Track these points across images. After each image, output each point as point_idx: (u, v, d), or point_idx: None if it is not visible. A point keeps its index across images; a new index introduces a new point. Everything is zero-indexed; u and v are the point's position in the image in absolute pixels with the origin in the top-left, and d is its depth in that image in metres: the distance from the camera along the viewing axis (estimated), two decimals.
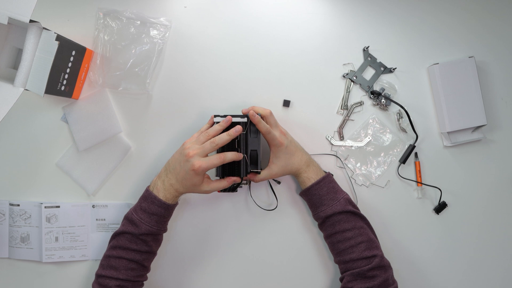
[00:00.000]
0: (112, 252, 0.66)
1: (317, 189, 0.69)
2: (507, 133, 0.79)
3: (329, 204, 0.68)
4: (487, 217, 0.78)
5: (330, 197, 0.68)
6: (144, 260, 0.67)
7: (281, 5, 0.78)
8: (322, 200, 0.68)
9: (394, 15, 0.79)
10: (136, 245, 0.65)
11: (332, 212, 0.67)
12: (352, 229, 0.66)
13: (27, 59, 0.59)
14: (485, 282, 0.78)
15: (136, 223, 0.65)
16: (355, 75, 0.78)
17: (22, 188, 0.77)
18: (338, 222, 0.67)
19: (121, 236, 0.66)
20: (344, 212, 0.67)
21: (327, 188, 0.69)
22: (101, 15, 0.75)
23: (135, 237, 0.65)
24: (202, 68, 0.78)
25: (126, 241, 0.65)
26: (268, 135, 0.68)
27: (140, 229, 0.65)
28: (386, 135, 0.78)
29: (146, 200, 0.67)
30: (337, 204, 0.67)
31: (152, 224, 0.65)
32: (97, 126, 0.76)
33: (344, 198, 0.69)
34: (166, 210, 0.66)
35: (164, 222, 0.68)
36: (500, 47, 0.79)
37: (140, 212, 0.66)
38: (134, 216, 0.66)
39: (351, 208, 0.68)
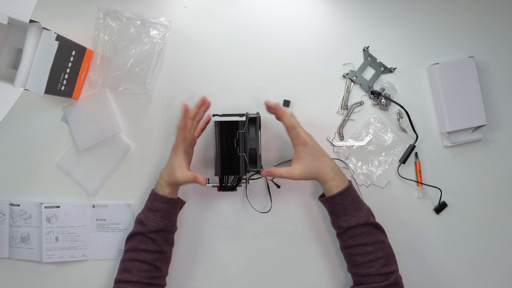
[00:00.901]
0: (125, 256, 0.68)
1: (342, 198, 0.66)
2: (507, 133, 0.79)
3: (352, 214, 0.66)
4: (487, 217, 0.78)
5: (354, 207, 0.66)
6: (155, 261, 0.66)
7: (281, 5, 0.78)
8: (346, 210, 0.66)
9: (394, 15, 0.79)
10: (146, 245, 0.66)
11: (355, 224, 0.65)
12: (373, 244, 0.65)
13: (27, 59, 0.59)
14: (485, 282, 0.78)
15: (143, 222, 0.67)
16: (355, 75, 0.78)
17: (22, 188, 0.77)
18: (359, 235, 0.65)
19: (132, 238, 0.68)
20: (367, 225, 0.65)
21: (352, 198, 0.67)
22: (101, 15, 0.75)
23: (144, 237, 0.66)
24: (202, 68, 0.78)
25: (136, 242, 0.67)
26: (293, 130, 0.67)
27: (147, 227, 0.66)
28: (388, 134, 0.78)
29: (150, 199, 0.70)
30: (361, 215, 0.66)
31: (158, 220, 0.67)
32: (97, 126, 0.76)
33: (367, 209, 0.67)
34: (168, 204, 0.68)
35: (170, 218, 0.69)
36: (500, 47, 0.79)
37: (146, 211, 0.68)
38: (141, 216, 0.68)
39: (373, 221, 0.67)
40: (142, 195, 0.77)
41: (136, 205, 0.77)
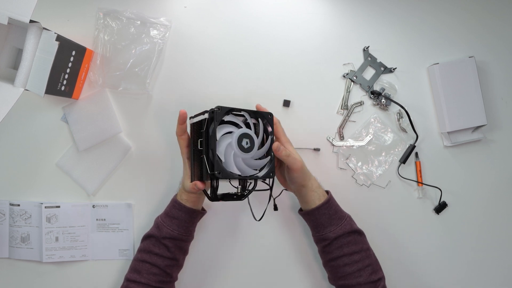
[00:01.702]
0: (138, 255, 0.67)
1: (327, 208, 0.65)
2: (507, 133, 0.79)
3: (337, 224, 0.65)
4: (487, 217, 0.78)
5: (338, 216, 0.65)
6: (166, 267, 0.65)
7: (281, 5, 0.78)
8: (331, 220, 0.65)
9: (394, 15, 0.79)
10: (159, 249, 0.65)
11: (342, 233, 0.64)
12: (360, 252, 0.64)
13: (27, 59, 0.59)
14: (485, 282, 0.78)
15: (159, 226, 0.66)
16: (355, 75, 0.78)
17: (22, 188, 0.77)
18: (346, 245, 0.64)
19: (147, 239, 0.67)
20: (352, 233, 0.65)
21: (335, 207, 0.66)
22: (101, 15, 0.75)
23: (158, 241, 0.66)
24: (202, 68, 0.78)
25: (150, 244, 0.66)
26: (287, 159, 0.62)
27: (162, 232, 0.65)
28: (388, 134, 0.78)
29: (170, 204, 0.68)
30: (345, 223, 0.65)
31: (173, 228, 0.65)
32: (97, 126, 0.76)
33: (349, 216, 0.67)
34: (186, 214, 0.66)
35: (186, 227, 0.67)
36: (500, 47, 0.79)
37: (164, 216, 0.67)
38: (158, 220, 0.68)
39: (356, 228, 0.66)
40: (142, 195, 0.77)
41: (136, 205, 0.77)
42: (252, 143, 0.61)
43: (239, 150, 0.59)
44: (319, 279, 0.77)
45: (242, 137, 0.60)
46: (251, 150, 0.60)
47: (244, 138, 0.60)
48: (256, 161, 0.62)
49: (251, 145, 0.60)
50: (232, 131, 0.60)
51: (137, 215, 0.77)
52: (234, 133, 0.59)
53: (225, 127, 0.60)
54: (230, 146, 0.59)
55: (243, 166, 0.60)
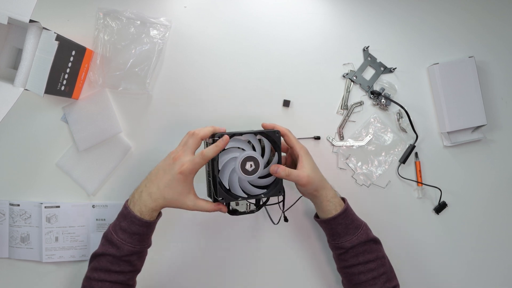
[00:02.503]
0: (93, 275, 0.61)
1: (344, 218, 0.65)
2: (507, 133, 0.79)
3: (354, 233, 0.64)
4: (487, 217, 0.78)
5: (355, 225, 0.65)
6: (129, 280, 0.63)
7: (281, 5, 0.78)
8: (348, 230, 0.64)
9: (394, 15, 0.79)
10: (119, 267, 0.60)
11: (358, 242, 0.64)
12: (375, 260, 0.64)
13: (27, 59, 0.59)
14: (485, 282, 0.78)
15: (117, 244, 0.60)
16: (355, 75, 0.78)
17: (22, 188, 0.77)
18: (362, 254, 0.64)
19: (102, 257, 0.61)
20: (368, 242, 0.64)
21: (352, 216, 0.66)
22: (101, 15, 0.75)
23: (118, 259, 0.60)
24: (202, 68, 0.78)
25: (107, 263, 0.60)
26: (289, 178, 0.62)
27: (122, 251, 0.60)
28: (388, 134, 0.78)
29: (125, 218, 0.61)
30: (361, 233, 0.64)
31: (135, 244, 0.60)
32: (97, 126, 0.76)
33: (365, 225, 0.66)
34: (148, 228, 0.61)
35: (147, 239, 0.63)
36: (500, 47, 0.79)
37: (120, 232, 0.60)
38: (114, 237, 0.60)
39: (372, 236, 0.66)
40: None
41: None
42: (257, 164, 0.62)
43: (243, 174, 0.61)
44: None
45: (245, 161, 0.61)
46: (256, 171, 0.62)
47: (247, 162, 0.61)
48: (263, 180, 0.64)
49: (255, 167, 0.62)
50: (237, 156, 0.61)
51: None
52: (238, 157, 0.61)
53: (230, 151, 0.62)
54: (235, 171, 0.61)
55: (250, 187, 0.63)
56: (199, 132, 0.60)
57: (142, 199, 0.60)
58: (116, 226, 0.61)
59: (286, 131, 0.66)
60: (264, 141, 0.64)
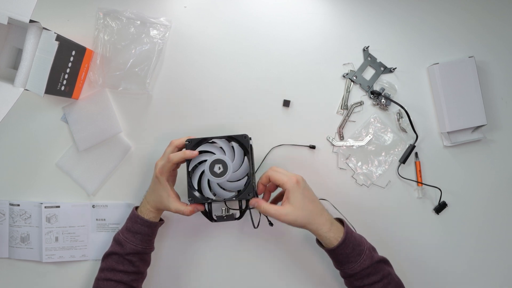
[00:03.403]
0: (100, 275, 0.67)
1: (344, 248, 0.62)
2: (507, 133, 0.79)
3: (356, 260, 0.62)
4: (487, 217, 0.78)
5: (356, 252, 0.62)
6: (132, 281, 0.66)
7: (281, 5, 0.78)
8: (349, 258, 0.62)
9: (394, 15, 0.79)
10: (123, 266, 0.65)
11: (361, 269, 0.61)
12: (381, 280, 0.62)
13: (27, 59, 0.59)
14: (485, 282, 0.78)
15: (122, 243, 0.66)
16: (355, 75, 0.78)
17: (22, 188, 0.77)
18: (367, 276, 0.62)
19: (109, 257, 0.67)
20: (372, 265, 0.62)
21: (353, 245, 0.62)
22: (101, 15, 0.75)
23: (122, 258, 0.66)
24: (202, 68, 0.78)
25: (113, 262, 0.66)
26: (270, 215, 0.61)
27: (125, 248, 0.65)
28: (388, 134, 0.78)
29: (130, 219, 0.68)
30: (364, 259, 0.61)
31: (137, 243, 0.66)
32: (97, 126, 0.76)
33: (368, 249, 0.63)
34: (149, 228, 0.67)
35: (149, 241, 0.68)
36: (500, 47, 0.79)
37: (126, 232, 0.67)
38: (120, 236, 0.67)
39: (377, 258, 0.63)
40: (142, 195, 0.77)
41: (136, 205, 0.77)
42: (225, 167, 0.63)
43: (212, 176, 0.63)
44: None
45: (214, 163, 0.63)
46: (225, 174, 0.63)
47: (216, 164, 0.63)
48: (235, 184, 0.65)
49: (223, 169, 0.63)
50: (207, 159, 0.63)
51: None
52: (208, 160, 0.63)
53: (202, 155, 0.64)
54: (205, 175, 0.64)
55: (220, 190, 0.64)
56: (175, 141, 0.66)
57: (142, 203, 0.69)
58: (123, 227, 0.69)
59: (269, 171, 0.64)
60: (234, 145, 0.64)
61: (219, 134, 0.66)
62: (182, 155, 0.63)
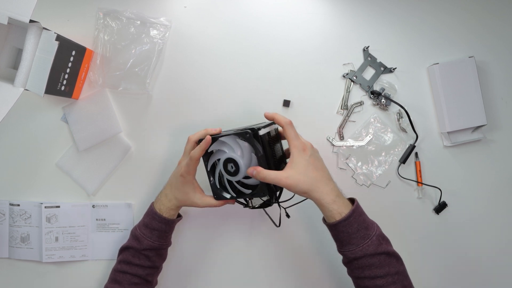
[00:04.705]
0: (117, 266, 0.67)
1: (346, 226, 0.56)
2: (507, 133, 0.79)
3: (358, 243, 0.56)
4: (487, 217, 0.78)
5: (361, 235, 0.56)
6: (147, 275, 0.67)
7: (281, 5, 0.78)
8: (351, 239, 0.56)
9: (394, 15, 0.79)
10: (139, 260, 0.66)
11: (363, 254, 0.56)
12: (384, 277, 0.55)
13: (27, 59, 0.59)
14: (485, 282, 0.78)
15: (139, 238, 0.66)
16: (355, 75, 0.78)
17: (22, 188, 0.77)
18: (368, 267, 0.56)
19: (126, 251, 0.67)
20: (377, 255, 0.56)
21: (358, 225, 0.56)
22: (101, 15, 0.75)
23: (138, 252, 0.66)
24: (202, 68, 0.78)
25: (130, 255, 0.66)
26: (289, 134, 0.59)
27: (142, 244, 0.66)
28: (388, 134, 0.78)
29: (148, 215, 0.68)
30: (368, 244, 0.56)
31: (154, 239, 0.66)
32: (97, 126, 0.76)
33: (377, 235, 0.57)
34: (167, 225, 0.67)
35: (166, 237, 0.68)
36: (500, 47, 0.79)
37: (143, 228, 0.67)
38: (137, 232, 0.67)
39: (385, 249, 0.56)
40: (142, 195, 0.77)
41: (136, 205, 0.77)
42: (237, 165, 0.60)
43: (227, 175, 0.62)
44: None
45: (226, 162, 0.61)
46: (238, 172, 0.60)
47: (228, 163, 0.61)
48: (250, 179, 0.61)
49: (236, 168, 0.60)
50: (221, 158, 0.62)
51: (137, 215, 0.77)
52: (220, 159, 0.62)
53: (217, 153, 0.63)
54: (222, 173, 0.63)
55: (239, 187, 0.63)
56: (192, 136, 0.65)
57: (161, 200, 0.68)
58: (141, 222, 0.69)
59: (285, 124, 0.60)
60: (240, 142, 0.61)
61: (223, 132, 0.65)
62: (200, 150, 0.62)
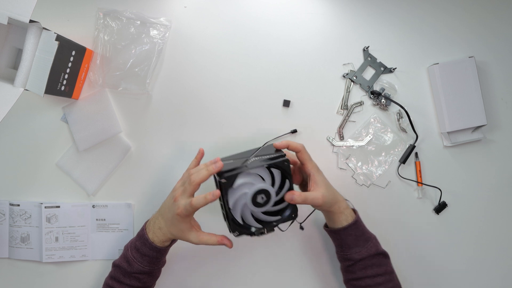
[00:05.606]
0: (109, 281, 0.66)
1: (354, 229, 0.64)
2: (507, 133, 0.79)
3: (363, 245, 0.64)
4: (487, 217, 0.78)
5: (364, 238, 0.64)
6: None
7: (281, 5, 0.78)
8: (358, 241, 0.64)
9: (394, 15, 0.79)
10: (130, 281, 0.64)
11: (367, 255, 0.63)
12: (383, 275, 0.63)
13: (27, 59, 0.59)
14: (485, 282, 0.78)
15: (129, 261, 0.64)
16: (355, 75, 0.78)
17: (22, 188, 0.77)
18: (370, 267, 0.63)
19: (117, 268, 0.65)
20: (377, 255, 0.64)
21: (362, 230, 0.65)
22: (101, 15, 0.75)
23: (128, 274, 0.64)
24: (202, 68, 0.78)
25: (120, 275, 0.64)
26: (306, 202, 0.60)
27: (132, 267, 0.63)
28: (388, 134, 0.78)
29: (140, 239, 0.64)
30: (371, 245, 0.64)
31: (144, 265, 0.63)
32: (97, 126, 0.76)
33: (375, 238, 0.66)
34: (158, 252, 0.64)
35: (158, 262, 0.65)
36: (500, 47, 0.79)
37: (134, 251, 0.64)
38: (128, 254, 0.64)
39: (382, 250, 0.65)
40: (142, 195, 0.77)
41: (136, 205, 0.77)
42: (268, 195, 0.58)
43: (255, 207, 0.58)
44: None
45: (256, 194, 0.57)
46: (268, 202, 0.58)
47: (258, 195, 0.58)
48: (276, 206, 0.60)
49: (267, 198, 0.58)
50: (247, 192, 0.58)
51: (137, 215, 0.77)
52: (248, 193, 0.57)
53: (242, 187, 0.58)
54: (247, 206, 0.58)
55: (264, 217, 0.61)
56: (195, 178, 0.58)
57: (155, 231, 0.63)
58: (133, 243, 0.65)
59: (300, 148, 0.63)
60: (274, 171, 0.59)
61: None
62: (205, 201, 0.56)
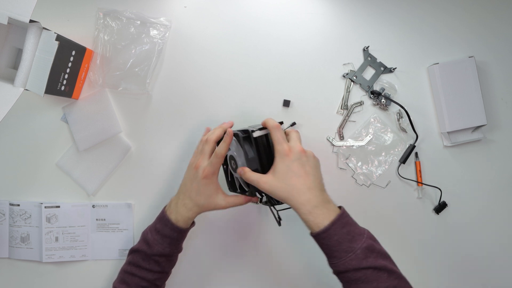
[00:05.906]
0: (127, 268, 0.66)
1: (324, 238, 0.53)
2: (507, 133, 0.79)
3: (340, 257, 0.52)
4: (487, 217, 0.78)
5: (343, 248, 0.52)
6: (156, 280, 0.65)
7: (281, 5, 0.78)
8: (333, 252, 0.53)
9: (394, 15, 0.79)
10: (149, 265, 0.64)
11: (345, 269, 0.52)
12: None
13: (27, 59, 0.59)
14: (485, 282, 0.78)
15: (150, 243, 0.64)
16: (355, 75, 0.78)
17: (22, 188, 0.77)
18: (354, 282, 0.51)
19: (136, 253, 0.66)
20: (363, 269, 0.51)
21: (339, 237, 0.53)
22: (101, 15, 0.75)
23: (148, 257, 0.64)
24: (202, 68, 0.78)
25: (139, 259, 0.65)
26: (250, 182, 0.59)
27: (152, 250, 0.64)
28: (388, 134, 0.78)
29: (160, 221, 0.65)
30: (351, 258, 0.51)
31: (165, 246, 0.64)
32: (97, 126, 0.76)
33: (362, 248, 0.52)
34: (179, 233, 0.65)
35: (177, 244, 0.66)
36: (500, 47, 0.79)
37: (155, 233, 0.65)
38: (148, 236, 0.65)
39: (371, 263, 0.51)
40: (142, 195, 0.77)
41: (136, 205, 0.77)
42: (235, 163, 0.64)
43: (232, 171, 0.66)
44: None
45: (230, 160, 0.66)
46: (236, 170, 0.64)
47: (231, 160, 0.65)
48: None
49: (236, 166, 0.64)
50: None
51: (137, 215, 0.77)
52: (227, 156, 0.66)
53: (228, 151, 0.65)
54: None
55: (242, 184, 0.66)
56: (211, 136, 0.64)
57: (179, 210, 0.64)
58: (152, 227, 0.66)
59: (271, 127, 0.60)
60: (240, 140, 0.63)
61: None
62: (226, 145, 0.61)
